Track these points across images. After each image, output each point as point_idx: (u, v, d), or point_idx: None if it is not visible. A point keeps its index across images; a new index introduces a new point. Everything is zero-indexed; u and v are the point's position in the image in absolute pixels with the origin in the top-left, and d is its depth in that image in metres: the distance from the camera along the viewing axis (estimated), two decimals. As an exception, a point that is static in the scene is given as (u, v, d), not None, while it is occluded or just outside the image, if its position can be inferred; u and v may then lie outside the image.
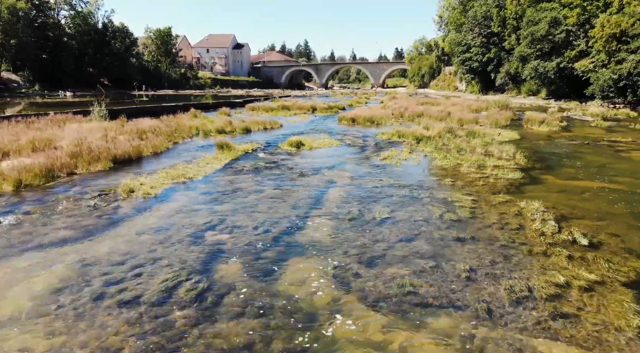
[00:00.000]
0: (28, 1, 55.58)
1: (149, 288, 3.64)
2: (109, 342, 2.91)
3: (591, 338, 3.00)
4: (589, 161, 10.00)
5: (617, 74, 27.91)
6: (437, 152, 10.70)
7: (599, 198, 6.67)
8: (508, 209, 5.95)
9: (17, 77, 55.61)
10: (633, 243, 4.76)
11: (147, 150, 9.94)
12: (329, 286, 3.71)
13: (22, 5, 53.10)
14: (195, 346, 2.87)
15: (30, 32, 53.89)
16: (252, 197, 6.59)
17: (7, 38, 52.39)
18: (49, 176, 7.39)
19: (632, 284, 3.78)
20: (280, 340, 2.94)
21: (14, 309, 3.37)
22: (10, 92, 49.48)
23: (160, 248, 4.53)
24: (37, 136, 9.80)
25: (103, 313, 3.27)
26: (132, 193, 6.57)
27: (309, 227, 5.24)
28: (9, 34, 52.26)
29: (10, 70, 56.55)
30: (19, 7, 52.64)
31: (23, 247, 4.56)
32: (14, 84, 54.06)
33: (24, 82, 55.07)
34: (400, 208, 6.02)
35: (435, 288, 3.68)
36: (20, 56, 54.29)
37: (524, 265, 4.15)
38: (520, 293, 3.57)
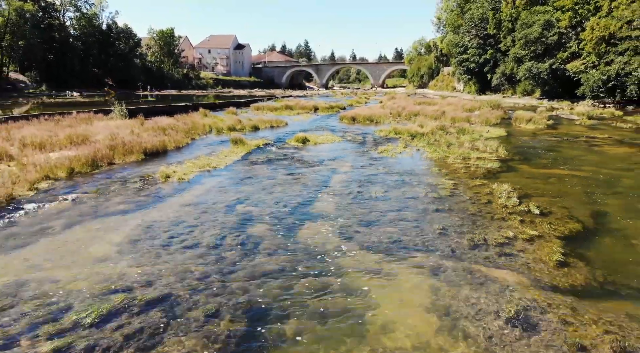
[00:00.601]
0: (35, 3, 56.82)
1: (203, 238, 4.90)
2: (182, 268, 4.15)
3: (523, 267, 4.25)
4: (563, 154, 11.25)
5: (606, 75, 29.18)
6: (428, 146, 11.95)
7: (561, 182, 7.93)
8: (481, 190, 7.20)
9: (25, 77, 56.88)
10: (576, 212, 6.01)
11: (170, 145, 11.20)
12: (335, 238, 4.97)
13: (29, 7, 54.32)
14: (243, 270, 4.12)
15: (37, 34, 55.08)
16: (268, 181, 7.84)
17: (15, 39, 53.67)
18: (93, 165, 8.65)
19: (564, 238, 5.03)
20: (302, 266, 4.19)
21: (104, 253, 4.60)
22: (18, 92, 50.71)
23: (203, 216, 5.78)
24: (73, 132, 11.05)
25: (173, 252, 4.52)
26: (169, 178, 7.82)
27: (317, 202, 6.50)
28: (16, 36, 53.53)
29: (18, 71, 57.86)
30: (27, 9, 53.85)
31: (93, 216, 5.81)
32: (22, 84, 55.30)
33: (31, 82, 56.29)
34: (393, 189, 7.27)
35: (415, 239, 4.93)
36: (27, 57, 55.58)
37: (485, 226, 5.40)
38: (477, 242, 4.82)
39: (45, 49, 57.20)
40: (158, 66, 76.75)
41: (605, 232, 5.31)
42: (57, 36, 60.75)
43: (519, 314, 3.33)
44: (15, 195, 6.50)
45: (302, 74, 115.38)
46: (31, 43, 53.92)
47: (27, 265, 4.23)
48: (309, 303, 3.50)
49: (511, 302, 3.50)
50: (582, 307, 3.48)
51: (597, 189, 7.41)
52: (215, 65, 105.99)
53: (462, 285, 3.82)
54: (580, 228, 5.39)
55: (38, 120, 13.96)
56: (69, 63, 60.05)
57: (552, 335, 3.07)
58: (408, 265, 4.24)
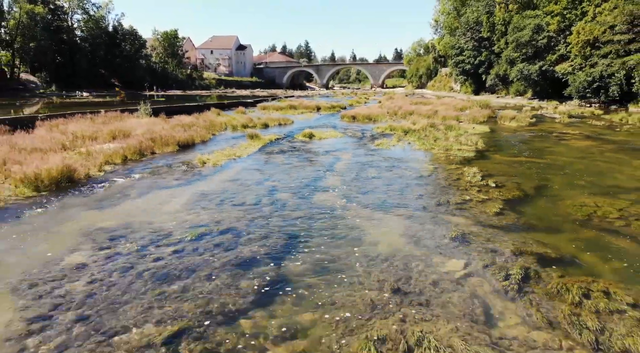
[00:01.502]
0: (45, 6, 58.72)
1: (245, 200, 6.79)
2: (236, 215, 6.02)
3: (470, 215, 6.12)
4: (532, 146, 13.14)
5: (591, 76, 31.06)
6: (418, 140, 13.82)
7: (521, 166, 9.82)
8: (455, 171, 9.09)
9: (35, 78, 58.81)
10: (523, 186, 7.88)
11: (197, 139, 13.09)
12: (340, 200, 6.85)
13: (40, 10, 56.21)
14: (277, 217, 5.98)
15: (48, 36, 56.94)
16: (285, 166, 9.73)
17: (26, 41, 55.55)
18: (140, 154, 10.54)
19: (507, 200, 6.90)
20: (317, 215, 6.07)
21: (177, 209, 6.46)
22: (30, 92, 52.57)
23: (240, 187, 7.67)
24: (114, 127, 12.94)
25: (226, 208, 6.40)
26: (205, 163, 9.71)
27: (326, 179, 8.39)
28: (27, 38, 55.41)
29: (28, 72, 59.79)
30: (37, 11, 55.72)
31: (157, 187, 7.69)
32: (32, 85, 57.19)
33: (41, 82, 58.18)
34: (385, 171, 9.16)
35: (398, 201, 6.82)
36: (38, 58, 57.46)
37: (451, 193, 7.29)
38: (442, 202, 6.71)
39: (54, 50, 59.08)
40: (162, 67, 78.55)
41: (540, 197, 7.20)
42: (65, 38, 62.68)
43: (459, 236, 5.22)
44: (90, 174, 8.39)
45: (302, 74, 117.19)
46: (42, 45, 55.82)
47: (125, 215, 6.10)
48: (322, 232, 5.38)
49: (456, 230, 5.39)
50: (503, 234, 5.36)
51: (549, 171, 9.30)
52: (218, 65, 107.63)
53: (426, 223, 5.72)
54: (522, 195, 7.27)
55: (74, 118, 15.84)
56: (77, 64, 62.02)
57: (478, 246, 4.95)
58: (391, 215, 6.13)
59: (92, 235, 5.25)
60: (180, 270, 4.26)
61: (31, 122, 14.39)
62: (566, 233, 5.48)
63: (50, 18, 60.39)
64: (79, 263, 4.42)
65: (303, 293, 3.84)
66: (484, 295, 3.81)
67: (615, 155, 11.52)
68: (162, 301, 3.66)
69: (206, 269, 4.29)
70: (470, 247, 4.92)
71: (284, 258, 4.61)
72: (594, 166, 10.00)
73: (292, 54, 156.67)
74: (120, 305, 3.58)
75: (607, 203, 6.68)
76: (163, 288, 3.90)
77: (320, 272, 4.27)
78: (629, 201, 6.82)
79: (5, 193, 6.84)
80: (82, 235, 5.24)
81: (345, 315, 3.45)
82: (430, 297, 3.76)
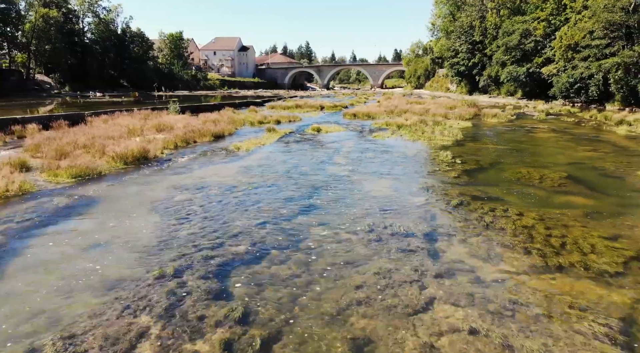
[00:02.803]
0: (58, 10, 61.42)
1: (277, 170, 9.51)
2: (274, 178, 8.73)
3: (437, 178, 8.84)
4: (503, 137, 15.87)
5: (573, 78, 33.79)
6: (409, 133, 16.54)
7: (486, 151, 12.53)
8: (432, 154, 11.82)
9: (49, 79, 61.53)
10: (481, 162, 10.58)
11: (226, 132, 15.81)
12: (345, 171, 9.56)
13: (54, 14, 58.89)
14: (303, 180, 8.69)
15: (61, 38, 59.64)
16: (301, 151, 12.45)
17: (41, 43, 58.26)
18: (186, 142, 13.26)
19: (465, 170, 9.60)
20: (330, 179, 8.79)
21: (231, 174, 9.17)
22: (45, 92, 55.26)
23: (272, 163, 10.40)
24: (157, 122, 15.65)
25: (265, 174, 9.12)
26: (239, 149, 12.43)
27: (334, 159, 11.11)
28: (42, 40, 58.12)
29: (42, 73, 62.53)
30: (52, 15, 58.41)
31: (209, 164, 10.40)
32: (47, 85, 59.89)
33: (55, 83, 60.90)
34: (379, 154, 11.88)
35: (387, 171, 9.54)
36: (52, 60, 60.19)
37: (425, 167, 10.02)
38: (418, 171, 9.44)
39: (67, 52, 61.77)
40: (169, 68, 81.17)
41: (490, 168, 9.92)
42: (77, 40, 65.39)
43: (425, 187, 7.94)
44: (156, 155, 11.11)
45: (303, 75, 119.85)
46: (57, 47, 58.54)
47: (197, 178, 8.81)
48: (334, 185, 8.09)
49: (423, 185, 8.12)
50: (455, 187, 8.06)
51: (506, 153, 12.03)
52: (221, 66, 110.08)
53: (404, 182, 8.46)
54: (478, 167, 10.00)
55: (115, 115, 18.51)
56: (88, 65, 64.77)
57: (435, 192, 7.66)
58: (381, 178, 8.85)
59: (182, 188, 7.97)
60: (252, 200, 7.00)
61: (82, 118, 17.14)
62: (498, 187, 8.19)
63: (63, 21, 63.04)
64: (186, 198, 7.14)
65: (326, 209, 6.55)
66: (433, 211, 6.54)
67: (567, 144, 14.25)
68: (246, 211, 6.39)
69: (266, 200, 7.02)
70: (430, 193, 7.65)
71: (311, 197, 7.33)
72: (543, 150, 12.73)
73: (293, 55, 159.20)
74: (223, 213, 6.30)
75: (536, 171, 9.41)
76: (245, 206, 6.63)
77: (334, 201, 6.99)
78: (552, 170, 9.55)
79: (105, 165, 9.56)
80: (175, 188, 7.95)
81: (352, 218, 6.16)
82: (400, 212, 6.48)
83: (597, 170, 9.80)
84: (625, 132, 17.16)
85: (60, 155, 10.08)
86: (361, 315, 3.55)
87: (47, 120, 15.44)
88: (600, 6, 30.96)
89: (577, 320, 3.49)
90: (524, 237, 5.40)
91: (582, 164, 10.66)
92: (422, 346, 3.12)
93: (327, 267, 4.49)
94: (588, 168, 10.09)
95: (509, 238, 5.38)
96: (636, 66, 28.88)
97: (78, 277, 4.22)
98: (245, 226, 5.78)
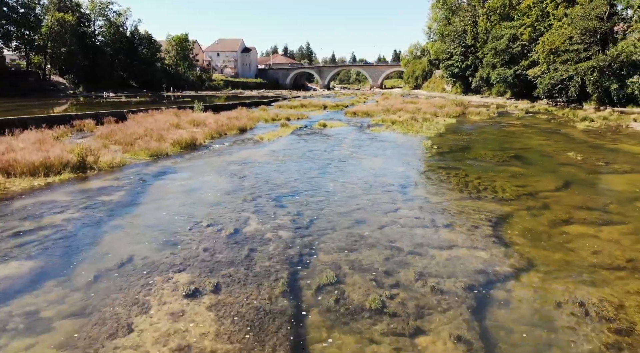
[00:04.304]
0: (73, 14, 64.52)
1: (297, 153, 12.64)
2: (295, 158, 11.84)
3: (417, 158, 11.96)
4: (479, 130, 18.98)
5: (554, 80, 36.92)
6: (400, 128, 19.65)
7: (461, 140, 15.64)
8: (417, 143, 14.94)
9: (64, 80, 64.63)
10: (454, 148, 13.69)
11: (247, 127, 18.94)
12: (349, 153, 12.68)
13: (69, 18, 62.00)
14: (317, 158, 11.81)
15: (76, 41, 62.75)
16: (313, 140, 15.58)
17: (57, 46, 61.37)
18: (219, 134, 16.38)
19: (439, 153, 12.72)
20: (336, 159, 11.91)
21: (261, 155, 12.27)
22: (62, 92, 58.34)
23: (291, 148, 13.52)
24: (190, 118, 18.75)
25: (288, 156, 12.24)
26: (262, 139, 15.54)
27: (339, 146, 14.23)
28: (58, 43, 61.22)
29: (57, 74, 65.64)
30: (67, 19, 61.52)
31: (244, 149, 13.51)
32: (62, 86, 62.96)
33: (70, 84, 63.98)
34: (375, 142, 15.00)
35: (381, 153, 12.67)
36: (67, 62, 63.32)
37: (409, 151, 13.15)
38: (402, 153, 12.57)
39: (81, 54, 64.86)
40: (175, 69, 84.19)
41: (459, 152, 13.02)
42: (89, 43, 68.49)
43: (406, 162, 11.07)
44: (200, 143, 14.22)
45: (304, 75, 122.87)
46: (72, 50, 61.70)
47: (239, 157, 11.91)
48: (340, 162, 11.20)
49: (405, 161, 11.24)
50: (428, 162, 11.17)
51: (476, 142, 15.14)
52: (224, 67, 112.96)
53: (392, 160, 11.58)
54: (450, 151, 13.11)
55: (149, 113, 21.60)
56: (100, 67, 67.84)
57: (413, 166, 10.78)
58: (375, 158, 11.96)
59: (231, 162, 11.07)
60: (283, 169, 10.13)
61: (123, 115, 20.24)
62: (459, 162, 11.30)
63: (76, 25, 66.10)
64: (237, 168, 10.25)
65: (335, 174, 9.65)
66: (408, 174, 9.65)
67: (529, 135, 17.38)
68: (282, 174, 9.50)
69: (293, 169, 10.14)
70: (409, 165, 10.78)
71: (325, 167, 10.45)
72: (507, 139, 15.86)
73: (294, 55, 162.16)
74: (267, 175, 9.39)
75: (492, 152, 12.54)
76: (280, 172, 9.75)
77: (341, 170, 10.10)
78: (505, 152, 12.67)
79: (170, 149, 12.67)
80: (227, 163, 11.05)
81: (353, 177, 9.26)
82: (386, 174, 9.60)
83: (539, 152, 12.94)
84: (583, 127, 20.30)
85: (128, 142, 13.19)
86: (359, 213, 6.67)
87: (99, 117, 18.58)
88: (578, 14, 34.14)
89: (475, 214, 6.61)
90: (462, 185, 8.54)
91: (530, 148, 13.80)
92: (391, 222, 6.24)
93: (338, 198, 7.60)
94: (533, 151, 13.24)
95: (452, 186, 8.52)
96: (609, 69, 32.04)
97: (193, 200, 7.34)
98: (284, 181, 8.91)
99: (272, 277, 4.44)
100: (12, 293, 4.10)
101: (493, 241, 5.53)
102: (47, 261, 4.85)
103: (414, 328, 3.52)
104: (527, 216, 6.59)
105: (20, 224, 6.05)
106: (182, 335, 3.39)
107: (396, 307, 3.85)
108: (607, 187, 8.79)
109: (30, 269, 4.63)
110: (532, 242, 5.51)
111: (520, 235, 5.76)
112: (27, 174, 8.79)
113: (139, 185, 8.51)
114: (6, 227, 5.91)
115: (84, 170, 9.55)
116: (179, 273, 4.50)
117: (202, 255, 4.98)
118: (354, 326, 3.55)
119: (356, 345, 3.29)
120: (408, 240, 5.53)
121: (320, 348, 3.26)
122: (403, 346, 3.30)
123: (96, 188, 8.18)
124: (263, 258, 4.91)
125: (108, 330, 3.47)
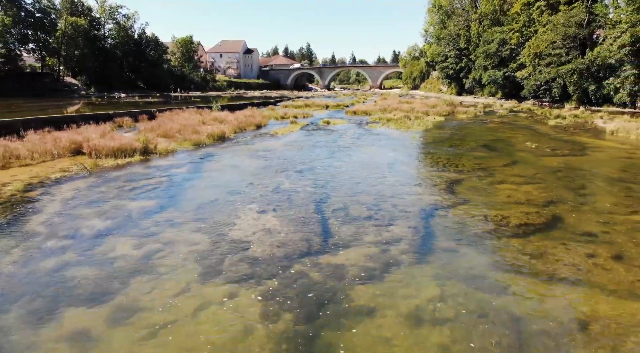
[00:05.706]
0: (85, 18, 67.45)
1: (309, 144, 15.62)
2: (308, 146, 14.79)
3: (404, 147, 14.92)
4: (462, 127, 21.95)
5: (539, 81, 39.92)
6: (395, 125, 22.62)
7: (445, 135, 18.60)
8: (407, 137, 17.91)
9: (76, 81, 67.58)
10: (437, 140, 16.64)
11: (262, 123, 21.91)
12: (349, 143, 15.65)
13: (81, 22, 64.94)
14: (325, 147, 14.77)
15: (88, 44, 65.67)
16: (319, 135, 18.55)
17: (70, 49, 64.32)
18: (240, 129, 19.35)
19: (424, 143, 15.68)
20: (339, 148, 14.88)
21: (280, 144, 15.22)
22: (75, 93, 61.26)
23: (303, 140, 16.49)
24: (213, 116, 21.71)
25: (301, 145, 15.20)
26: (277, 134, 18.52)
27: (342, 138, 17.20)
28: (71, 46, 64.17)
29: (70, 75, 68.58)
30: (80, 23, 64.46)
31: (264, 140, 16.47)
32: (75, 87, 65.90)
33: (82, 85, 66.92)
34: (372, 136, 17.97)
35: (375, 144, 15.64)
36: (79, 64, 66.27)
37: (399, 142, 16.12)
38: (393, 144, 15.54)
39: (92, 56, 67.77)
40: (180, 70, 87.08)
41: (440, 142, 15.97)
42: (100, 46, 71.43)
43: (396, 150, 14.04)
44: (228, 136, 17.18)
45: (305, 76, 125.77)
46: (84, 52, 64.66)
47: (262, 146, 14.85)
48: (344, 149, 14.14)
49: (394, 150, 14.20)
50: (412, 149, 14.12)
51: (456, 135, 18.11)
52: (227, 68, 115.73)
53: (385, 148, 14.55)
54: (433, 142, 16.06)
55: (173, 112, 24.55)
56: (109, 68, 70.75)
57: (400, 152, 13.74)
58: (371, 146, 14.92)
59: (258, 150, 14.01)
60: (300, 154, 13.08)
61: (152, 113, 23.20)
62: (437, 149, 14.24)
63: (88, 28, 69.02)
64: (263, 154, 13.20)
65: (340, 157, 12.60)
66: (396, 157, 12.62)
67: (504, 130, 20.35)
68: (300, 157, 12.47)
69: (307, 154, 13.09)
70: (397, 152, 13.74)
71: (331, 152, 13.41)
72: (482, 133, 18.84)
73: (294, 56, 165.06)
74: (288, 158, 12.34)
75: (465, 142, 15.51)
76: (297, 156, 12.71)
77: (344, 155, 13.05)
78: (476, 142, 15.63)
79: (206, 140, 15.61)
80: (254, 151, 14.00)
81: (354, 160, 12.21)
82: (378, 158, 12.56)
83: (505, 142, 15.91)
84: (554, 123, 23.28)
85: (170, 135, 16.14)
86: (358, 179, 9.64)
87: (134, 115, 21.55)
88: (560, 21, 37.12)
89: (438, 179, 9.58)
90: (434, 163, 11.52)
91: (499, 139, 16.78)
92: (379, 184, 9.22)
93: (343, 171, 10.55)
94: (500, 141, 16.21)
95: (427, 163, 11.52)
96: (588, 71, 35.05)
97: (240, 171, 10.30)
98: (302, 161, 11.88)
99: (305, 206, 7.42)
100: (152, 213, 7.07)
101: (446, 191, 8.52)
102: (160, 201, 7.81)
103: (388, 224, 6.51)
104: (474, 179, 9.58)
105: (128, 184, 9.02)
106: (262, 225, 6.38)
107: (379, 217, 6.83)
108: (542, 164, 11.73)
109: (155, 204, 7.60)
110: (471, 192, 8.49)
111: (465, 189, 8.74)
112: (110, 156, 11.76)
113: (197, 163, 11.50)
114: (120, 186, 8.88)
115: (148, 154, 12.51)
116: (250, 204, 7.49)
117: (259, 198, 7.96)
118: (354, 223, 6.53)
119: (356, 230, 6.27)
120: (390, 191, 8.51)
121: (336, 231, 6.23)
122: (381, 231, 6.27)
123: (165, 165, 11.16)
124: (298, 198, 7.89)
125: (222, 223, 6.45)
